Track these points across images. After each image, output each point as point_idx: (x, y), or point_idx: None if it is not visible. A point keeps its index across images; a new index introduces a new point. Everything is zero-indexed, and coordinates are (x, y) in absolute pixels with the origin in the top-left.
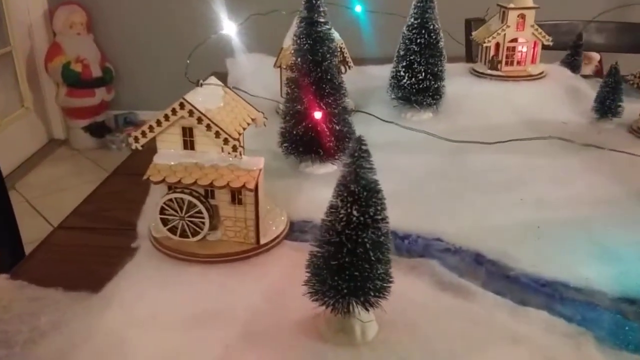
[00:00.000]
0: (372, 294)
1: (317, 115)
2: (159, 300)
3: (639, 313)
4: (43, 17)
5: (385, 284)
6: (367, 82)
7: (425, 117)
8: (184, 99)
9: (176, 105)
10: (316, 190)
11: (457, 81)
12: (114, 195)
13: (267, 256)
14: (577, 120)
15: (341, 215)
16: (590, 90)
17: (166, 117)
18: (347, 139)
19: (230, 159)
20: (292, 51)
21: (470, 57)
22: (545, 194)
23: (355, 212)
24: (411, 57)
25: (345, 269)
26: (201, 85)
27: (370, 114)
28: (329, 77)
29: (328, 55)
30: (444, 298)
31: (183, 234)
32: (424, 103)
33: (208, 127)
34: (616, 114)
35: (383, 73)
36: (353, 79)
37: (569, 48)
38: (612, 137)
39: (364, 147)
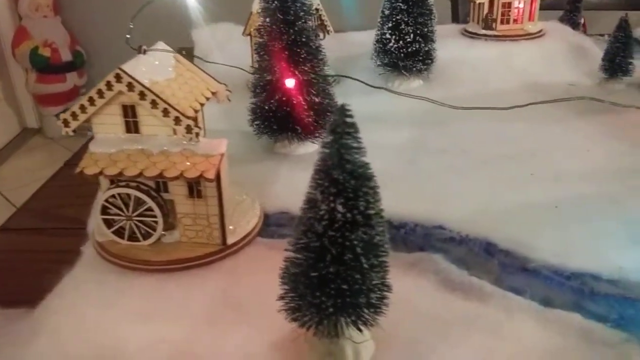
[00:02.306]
0: (366, 310)
1: (289, 83)
2: (101, 327)
3: None
4: (7, 0)
5: (382, 296)
6: (348, 50)
7: (415, 85)
8: (120, 68)
9: (111, 78)
10: (295, 174)
11: (448, 44)
12: (67, 190)
13: (237, 259)
14: (584, 81)
15: (322, 212)
16: (596, 48)
17: (100, 94)
18: (328, 113)
19: (185, 142)
20: (260, 11)
21: (457, 19)
22: (559, 166)
23: (340, 207)
24: (398, 17)
25: (329, 281)
26: (144, 52)
27: (356, 80)
28: (303, 39)
29: (302, 14)
30: (454, 302)
31: (132, 237)
32: (414, 69)
33: (153, 103)
34: (627, 73)
35: (366, 39)
36: (332, 47)
37: (567, 4)
38: (625, 98)
39: (349, 120)
